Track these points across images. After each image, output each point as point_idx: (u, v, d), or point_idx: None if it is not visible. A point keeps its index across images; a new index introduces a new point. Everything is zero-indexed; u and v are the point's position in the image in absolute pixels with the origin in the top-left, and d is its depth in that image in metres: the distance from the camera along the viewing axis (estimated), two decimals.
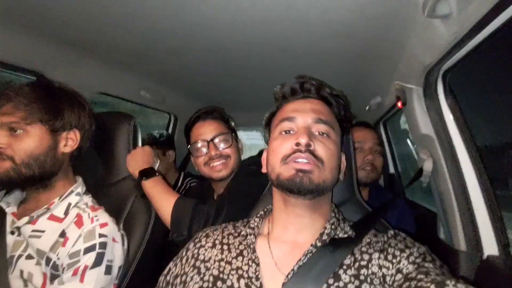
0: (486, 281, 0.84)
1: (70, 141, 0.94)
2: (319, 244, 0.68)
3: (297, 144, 0.67)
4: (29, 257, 0.85)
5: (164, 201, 1.08)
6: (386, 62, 1.20)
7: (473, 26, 0.64)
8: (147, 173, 1.13)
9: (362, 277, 0.62)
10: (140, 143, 1.27)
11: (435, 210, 1.56)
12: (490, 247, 0.89)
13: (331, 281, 0.63)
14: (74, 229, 0.87)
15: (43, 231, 0.87)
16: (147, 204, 1.12)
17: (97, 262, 0.83)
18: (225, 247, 0.73)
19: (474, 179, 0.93)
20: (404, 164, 2.15)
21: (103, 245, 0.85)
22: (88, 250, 0.83)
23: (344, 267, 0.64)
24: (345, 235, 0.70)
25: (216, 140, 1.21)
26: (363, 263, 0.64)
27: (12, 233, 0.89)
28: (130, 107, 2.01)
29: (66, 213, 0.91)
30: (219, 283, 0.66)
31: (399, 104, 1.11)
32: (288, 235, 0.71)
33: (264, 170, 0.78)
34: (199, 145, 1.22)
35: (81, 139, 0.96)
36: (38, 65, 1.29)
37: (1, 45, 1.15)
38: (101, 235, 0.86)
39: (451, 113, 0.97)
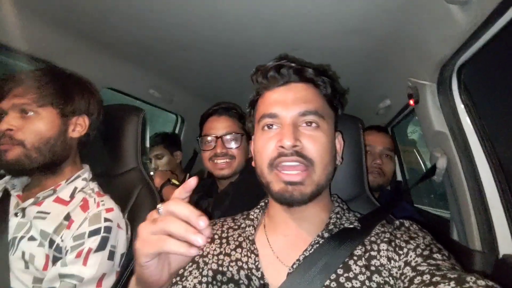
0: (502, 281, 0.80)
1: (78, 127, 0.94)
2: (326, 234, 0.66)
3: (282, 146, 0.62)
4: (32, 238, 0.83)
5: None
6: (398, 60, 1.20)
7: (491, 12, 0.63)
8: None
9: (373, 268, 0.60)
10: (148, 137, 1.26)
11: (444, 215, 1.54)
12: (506, 246, 0.86)
13: (340, 271, 0.60)
14: (79, 212, 0.85)
15: (48, 213, 0.85)
16: (153, 196, 1.10)
17: (101, 246, 0.81)
18: (224, 240, 0.71)
19: (490, 177, 0.91)
20: (412, 174, 2.13)
21: (107, 230, 0.83)
22: (93, 233, 0.81)
23: (355, 257, 0.62)
24: (351, 226, 0.67)
25: (226, 138, 1.21)
26: (373, 253, 0.62)
27: (16, 215, 0.88)
28: None
29: (72, 196, 0.90)
30: (218, 276, 0.64)
31: (411, 102, 1.10)
32: (288, 229, 0.69)
33: (254, 164, 0.72)
34: (209, 139, 1.23)
35: (90, 126, 0.96)
36: (48, 55, 1.29)
37: (11, 31, 1.15)
38: (106, 219, 0.84)
39: (465, 110, 0.96)
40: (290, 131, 0.62)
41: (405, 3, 0.88)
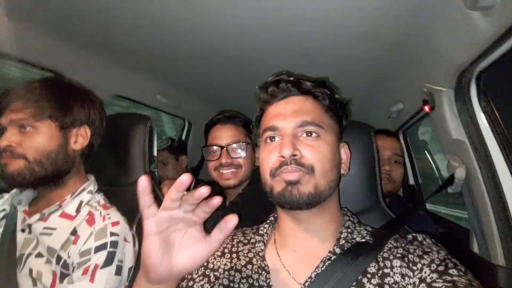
0: None
1: (80, 138, 0.92)
2: (338, 250, 0.64)
3: (282, 156, 0.63)
4: (39, 255, 0.82)
5: None
6: (411, 65, 1.16)
7: None
8: None
9: (386, 286, 0.58)
10: (155, 145, 1.25)
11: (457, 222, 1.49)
12: None
13: None
14: (85, 226, 0.84)
15: (54, 229, 0.84)
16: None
17: (108, 262, 0.79)
18: (234, 255, 0.70)
19: None
20: (424, 177, 2.07)
21: (114, 244, 0.81)
22: (99, 248, 0.80)
23: (368, 275, 0.60)
24: (363, 240, 0.65)
25: (231, 147, 1.19)
26: (387, 270, 0.60)
27: (23, 230, 0.87)
28: None
29: (78, 210, 0.88)
30: None
31: (427, 108, 1.06)
32: (297, 243, 0.68)
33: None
34: (214, 148, 1.20)
35: (92, 136, 0.94)
36: (57, 65, 1.30)
37: (23, 43, 1.16)
38: (112, 234, 0.82)
39: (485, 117, 0.91)
40: (289, 141, 0.63)
41: (417, 9, 0.84)
